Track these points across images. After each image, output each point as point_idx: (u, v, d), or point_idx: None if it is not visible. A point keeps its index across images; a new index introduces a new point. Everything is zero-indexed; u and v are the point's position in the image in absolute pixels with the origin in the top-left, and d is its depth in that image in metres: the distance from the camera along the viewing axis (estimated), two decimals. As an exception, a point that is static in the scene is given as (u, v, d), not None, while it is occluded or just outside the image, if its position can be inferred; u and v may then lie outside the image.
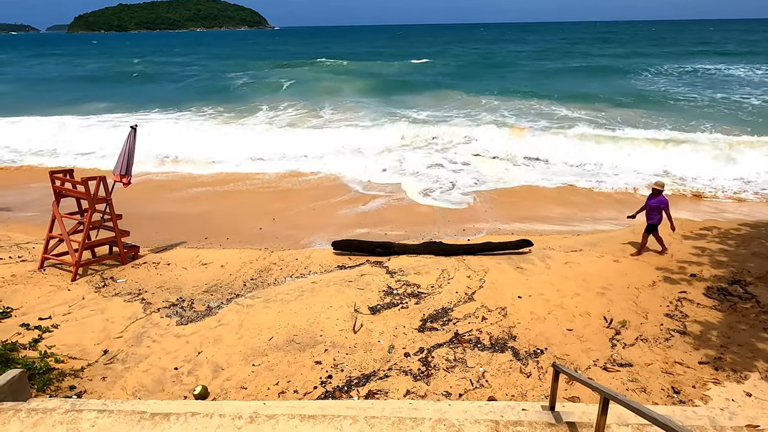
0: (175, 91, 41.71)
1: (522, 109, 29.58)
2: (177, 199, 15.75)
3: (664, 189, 10.20)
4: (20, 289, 9.14)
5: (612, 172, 17.52)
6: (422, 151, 20.56)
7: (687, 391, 6.00)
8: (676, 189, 15.57)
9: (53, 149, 22.27)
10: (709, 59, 54.41)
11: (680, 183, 16.08)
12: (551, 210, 14.16)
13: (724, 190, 15.36)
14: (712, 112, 27.26)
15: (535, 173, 17.69)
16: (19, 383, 5.10)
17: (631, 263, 9.60)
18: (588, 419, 4.13)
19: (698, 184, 15.96)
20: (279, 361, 6.80)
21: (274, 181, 17.46)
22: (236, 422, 4.02)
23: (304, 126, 26.67)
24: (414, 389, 6.16)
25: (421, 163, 18.80)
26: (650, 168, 17.37)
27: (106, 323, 8.06)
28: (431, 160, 19.12)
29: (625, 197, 15.12)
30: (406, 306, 8.21)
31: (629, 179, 16.58)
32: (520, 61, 58.35)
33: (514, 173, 17.73)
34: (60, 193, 10.30)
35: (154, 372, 6.78)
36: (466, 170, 18.04)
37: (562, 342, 7.09)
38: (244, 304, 8.51)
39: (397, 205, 14.74)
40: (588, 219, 13.42)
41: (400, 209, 14.43)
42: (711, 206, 14.25)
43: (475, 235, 12.28)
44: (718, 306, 7.89)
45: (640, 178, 16.58)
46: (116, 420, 4.09)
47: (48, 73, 57.80)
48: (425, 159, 19.36)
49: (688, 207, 14.12)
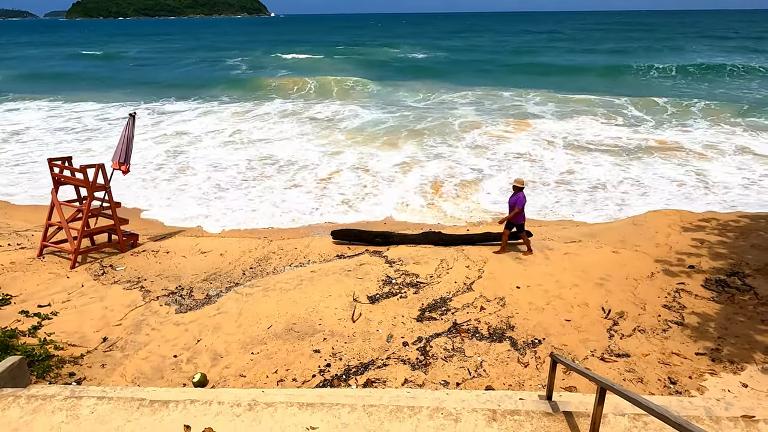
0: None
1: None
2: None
3: (524, 186, 9.71)
4: (19, 276, 9.14)
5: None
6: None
7: (683, 381, 6.03)
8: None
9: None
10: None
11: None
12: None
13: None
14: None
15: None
16: (19, 370, 5.11)
17: (630, 255, 9.60)
18: (585, 409, 4.15)
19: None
20: (278, 350, 6.83)
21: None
22: (235, 410, 4.04)
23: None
24: (412, 378, 6.19)
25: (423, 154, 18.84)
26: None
27: (105, 311, 8.08)
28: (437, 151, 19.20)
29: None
30: (404, 295, 8.22)
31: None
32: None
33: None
34: (59, 180, 10.27)
35: (154, 359, 6.80)
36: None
37: (560, 332, 7.11)
38: (243, 293, 8.53)
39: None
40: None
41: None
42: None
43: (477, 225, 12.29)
44: (716, 298, 7.91)
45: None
46: (116, 407, 4.10)
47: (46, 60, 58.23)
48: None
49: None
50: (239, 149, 19.99)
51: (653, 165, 17.17)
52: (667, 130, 22.05)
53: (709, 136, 20.59)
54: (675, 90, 33.12)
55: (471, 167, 17.03)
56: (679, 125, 22.82)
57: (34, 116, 27.35)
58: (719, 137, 20.41)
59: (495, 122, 23.55)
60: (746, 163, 17.16)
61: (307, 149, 19.69)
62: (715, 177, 15.77)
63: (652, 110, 26.18)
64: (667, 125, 22.93)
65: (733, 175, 15.96)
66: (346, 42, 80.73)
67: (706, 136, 20.73)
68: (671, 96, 29.37)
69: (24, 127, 24.71)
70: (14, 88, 37.36)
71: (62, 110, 29.05)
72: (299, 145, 20.32)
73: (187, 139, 21.62)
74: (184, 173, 17.00)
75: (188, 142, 21.23)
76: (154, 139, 21.67)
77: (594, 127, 22.68)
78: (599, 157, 18.13)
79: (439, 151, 19.19)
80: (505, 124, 23.15)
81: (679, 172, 16.37)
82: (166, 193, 15.19)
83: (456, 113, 26.12)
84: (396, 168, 17.08)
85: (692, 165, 16.98)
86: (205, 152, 19.56)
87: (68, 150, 19.71)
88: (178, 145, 20.57)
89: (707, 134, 21.00)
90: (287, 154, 18.92)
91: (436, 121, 24.05)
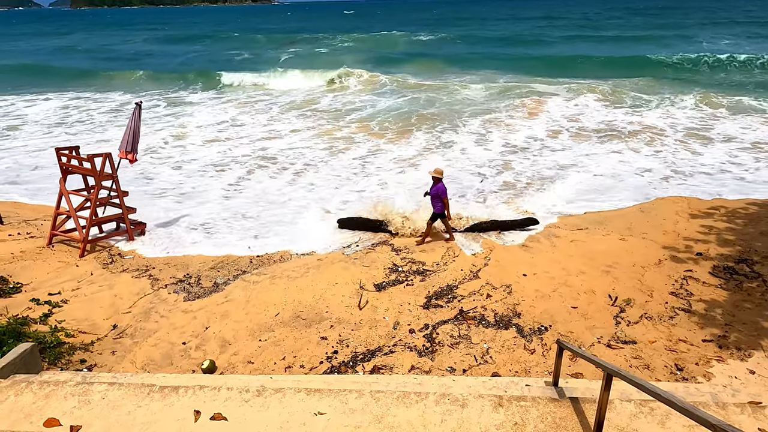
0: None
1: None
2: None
3: (443, 176, 9.66)
4: (29, 265, 9.24)
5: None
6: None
7: (690, 368, 6.03)
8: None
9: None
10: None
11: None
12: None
13: None
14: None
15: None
16: (31, 356, 5.19)
17: (638, 242, 9.56)
18: (591, 395, 4.17)
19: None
20: (285, 337, 6.89)
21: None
22: (244, 395, 4.09)
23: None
24: (419, 365, 6.23)
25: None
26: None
27: (114, 299, 8.16)
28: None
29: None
30: (411, 283, 8.25)
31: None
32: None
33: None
34: (66, 169, 10.31)
35: (163, 346, 6.88)
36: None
37: (566, 319, 7.12)
38: (250, 281, 8.58)
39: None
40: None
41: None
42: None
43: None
44: (723, 285, 7.88)
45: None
46: (126, 392, 4.16)
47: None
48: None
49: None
50: (274, 139, 19.52)
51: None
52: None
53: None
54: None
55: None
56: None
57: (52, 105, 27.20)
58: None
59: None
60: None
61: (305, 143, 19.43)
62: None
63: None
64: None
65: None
66: (349, 28, 79.01)
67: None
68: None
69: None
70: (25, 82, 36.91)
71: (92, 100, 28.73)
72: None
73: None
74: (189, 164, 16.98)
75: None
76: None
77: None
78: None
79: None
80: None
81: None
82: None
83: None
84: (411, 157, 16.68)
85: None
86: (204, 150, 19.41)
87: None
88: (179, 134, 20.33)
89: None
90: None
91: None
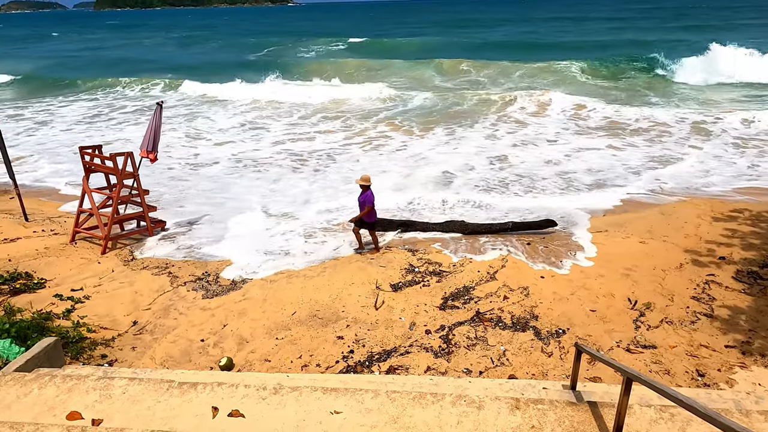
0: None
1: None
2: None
3: (370, 183, 9.38)
4: (53, 261, 9.45)
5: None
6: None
7: (712, 374, 5.92)
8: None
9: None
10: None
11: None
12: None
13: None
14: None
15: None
16: (55, 351, 5.31)
17: (658, 245, 9.40)
18: (609, 399, 4.11)
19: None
20: (302, 336, 6.93)
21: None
22: (261, 393, 4.12)
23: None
24: (435, 366, 6.21)
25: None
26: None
27: (134, 295, 8.30)
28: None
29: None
30: (427, 284, 8.23)
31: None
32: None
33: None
34: (89, 168, 10.51)
35: (181, 343, 6.98)
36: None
37: (584, 323, 7.03)
38: (267, 280, 8.65)
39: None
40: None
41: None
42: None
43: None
44: (747, 290, 7.71)
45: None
46: (146, 388, 4.23)
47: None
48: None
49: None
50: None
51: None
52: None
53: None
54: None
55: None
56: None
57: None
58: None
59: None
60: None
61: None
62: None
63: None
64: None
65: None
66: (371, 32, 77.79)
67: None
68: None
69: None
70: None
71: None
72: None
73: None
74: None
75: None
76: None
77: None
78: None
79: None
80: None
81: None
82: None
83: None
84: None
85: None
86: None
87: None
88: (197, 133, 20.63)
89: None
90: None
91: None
